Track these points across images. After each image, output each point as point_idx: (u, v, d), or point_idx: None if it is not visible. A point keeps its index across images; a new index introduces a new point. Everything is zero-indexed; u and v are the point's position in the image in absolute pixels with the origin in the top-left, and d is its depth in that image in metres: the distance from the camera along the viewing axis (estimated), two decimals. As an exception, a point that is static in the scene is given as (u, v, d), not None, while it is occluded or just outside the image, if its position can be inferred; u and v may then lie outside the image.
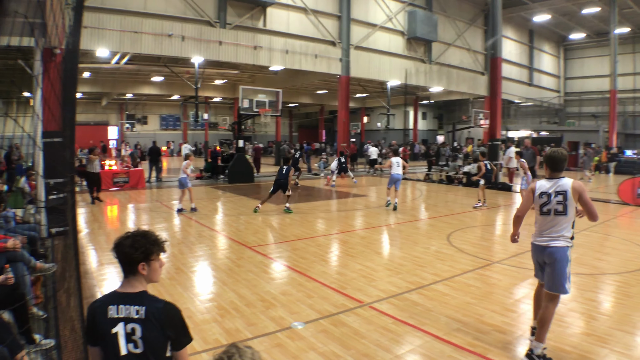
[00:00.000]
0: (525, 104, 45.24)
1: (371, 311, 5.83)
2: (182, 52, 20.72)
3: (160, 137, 47.07)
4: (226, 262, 8.02)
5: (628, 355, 4.73)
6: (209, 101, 47.63)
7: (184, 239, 9.82)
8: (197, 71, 24.12)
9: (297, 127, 64.30)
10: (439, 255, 8.82)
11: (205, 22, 21.31)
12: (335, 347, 4.80)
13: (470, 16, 35.25)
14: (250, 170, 22.73)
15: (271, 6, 23.35)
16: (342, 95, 27.44)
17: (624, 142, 39.41)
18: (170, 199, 15.99)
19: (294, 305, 5.97)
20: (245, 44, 22.48)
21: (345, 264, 8.12)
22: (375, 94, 41.31)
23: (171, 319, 2.37)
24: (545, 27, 42.41)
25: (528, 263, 8.18)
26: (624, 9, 34.25)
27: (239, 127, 22.76)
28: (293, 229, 11.15)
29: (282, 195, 13.60)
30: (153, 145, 22.23)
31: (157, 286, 6.47)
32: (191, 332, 2.45)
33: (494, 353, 4.75)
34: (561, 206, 4.54)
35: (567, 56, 48.90)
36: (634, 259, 8.55)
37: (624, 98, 39.46)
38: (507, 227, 12.59)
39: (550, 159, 4.66)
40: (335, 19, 26.51)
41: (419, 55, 31.34)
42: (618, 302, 6.36)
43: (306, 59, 25.05)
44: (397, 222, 12.44)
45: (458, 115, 47.28)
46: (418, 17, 29.54)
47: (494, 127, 22.53)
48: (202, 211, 13.38)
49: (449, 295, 6.50)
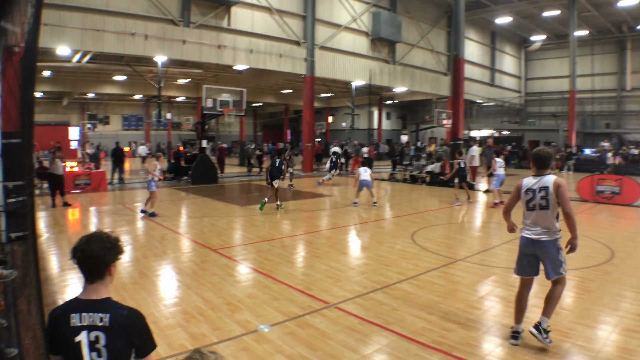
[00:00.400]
0: (487, 104, 46.15)
1: (337, 312, 5.86)
2: (145, 51, 20.43)
3: (123, 138, 46.23)
4: (190, 265, 7.94)
5: (589, 349, 4.90)
6: (172, 101, 47.10)
7: (147, 242, 9.68)
8: (160, 70, 23.81)
9: (262, 127, 64.04)
10: (403, 254, 8.93)
11: (169, 21, 21.06)
12: (302, 349, 4.82)
13: (434, 18, 35.74)
14: (214, 171, 22.52)
15: (235, 5, 23.22)
16: (306, 95, 27.47)
17: (583, 140, 40.60)
18: (133, 201, 15.75)
19: (260, 308, 5.95)
20: (209, 43, 22.29)
21: (310, 265, 8.14)
22: (340, 93, 41.49)
23: (136, 326, 2.34)
24: (507, 29, 43.38)
25: (491, 260, 8.43)
26: (582, 12, 35.27)
27: (202, 127, 22.54)
28: (258, 230, 11.11)
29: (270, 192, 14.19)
30: (116, 146, 21.78)
31: (121, 291, 6.38)
32: (156, 338, 2.43)
33: (459, 350, 4.85)
34: (544, 201, 4.83)
35: (527, 57, 50.10)
36: (593, 255, 8.82)
37: (583, 98, 40.65)
38: (470, 225, 12.84)
39: (536, 157, 4.98)
40: (300, 19, 26.53)
41: (383, 56, 31.61)
42: (579, 297, 6.56)
43: (271, 58, 24.99)
44: (362, 222, 12.53)
45: (421, 115, 47.97)
46: (382, 18, 29.80)
47: (457, 126, 22.90)
48: (166, 213, 13.21)
49: (414, 294, 6.58)
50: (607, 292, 6.74)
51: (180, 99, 46.23)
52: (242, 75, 33.18)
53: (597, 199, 16.50)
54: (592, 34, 41.28)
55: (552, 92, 46.54)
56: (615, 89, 42.92)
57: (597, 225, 12.55)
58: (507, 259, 8.68)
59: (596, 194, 16.59)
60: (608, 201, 16.35)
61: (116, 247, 2.38)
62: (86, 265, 2.35)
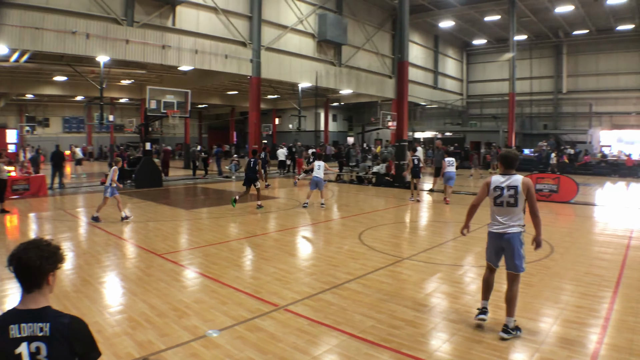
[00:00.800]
0: (431, 106, 47.11)
1: (287, 314, 5.85)
2: (87, 50, 19.74)
3: (64, 141, 44.59)
4: (135, 271, 7.75)
5: (532, 340, 5.10)
6: (115, 102, 45.87)
7: (90, 248, 9.37)
8: (103, 71, 23.14)
9: (207, 129, 63.23)
10: (351, 254, 9.01)
11: (112, 20, 20.45)
12: (252, 352, 4.78)
13: (379, 21, 36.22)
14: (158, 174, 22.06)
15: (181, 4, 22.81)
16: (253, 96, 27.29)
17: (522, 141, 42.09)
18: (74, 207, 15.24)
19: (208, 312, 5.87)
20: (153, 43, 21.82)
21: (259, 267, 8.10)
22: (287, 95, 41.50)
23: (78, 334, 2.26)
24: (450, 33, 44.49)
25: (437, 258, 8.61)
26: (522, 17, 36.55)
27: (146, 130, 22.05)
28: (204, 234, 10.96)
29: (245, 193, 14.81)
30: (56, 150, 20.94)
31: (63, 300, 6.16)
32: (101, 347, 2.35)
33: (408, 347, 4.93)
34: (513, 199, 5.26)
35: (469, 61, 51.51)
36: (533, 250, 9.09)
37: (522, 100, 42.08)
38: (414, 224, 13.07)
39: (504, 157, 5.46)
40: (246, 20, 26.33)
41: (329, 58, 31.78)
42: (521, 291, 6.67)
43: (216, 59, 24.70)
44: (310, 223, 12.56)
45: (367, 117, 48.48)
46: (328, 20, 29.95)
47: (401, 128, 23.24)
48: (109, 219, 12.85)
49: (362, 293, 6.65)
50: (548, 286, 7.01)
51: (123, 100, 45.03)
52: (187, 76, 32.66)
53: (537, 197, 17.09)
54: (531, 38, 42.87)
55: (492, 95, 48.01)
56: (553, 92, 44.66)
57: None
58: (452, 256, 8.90)
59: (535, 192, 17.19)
60: (547, 199, 17.02)
61: (55, 255, 2.29)
62: (23, 274, 2.25)
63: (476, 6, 34.40)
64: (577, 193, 17.00)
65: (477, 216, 6.05)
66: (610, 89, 41.26)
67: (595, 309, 6.05)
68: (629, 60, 40.23)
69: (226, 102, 47.41)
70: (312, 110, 44.05)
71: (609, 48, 41.04)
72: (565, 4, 32.65)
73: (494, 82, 48.12)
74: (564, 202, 16.71)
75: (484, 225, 11.20)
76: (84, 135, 49.66)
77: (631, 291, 6.80)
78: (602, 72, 41.70)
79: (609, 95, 41.34)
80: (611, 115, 41.58)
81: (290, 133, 46.92)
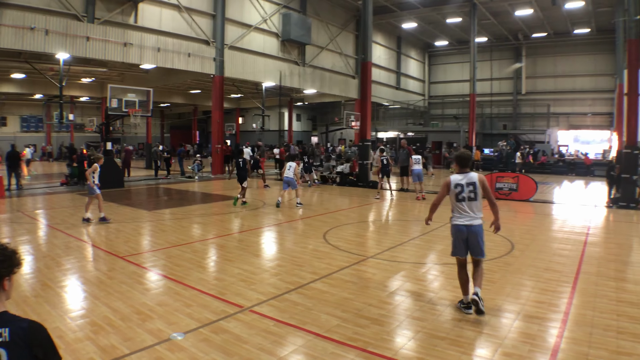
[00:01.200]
0: (393, 106, 47.56)
1: (252, 315, 5.81)
2: (46, 47, 19.25)
3: (22, 140, 43.38)
4: (97, 274, 7.58)
5: (495, 336, 5.21)
6: (75, 101, 44.73)
7: (49, 251, 9.12)
8: (62, 68, 22.55)
9: (170, 128, 62.42)
10: (316, 253, 9.03)
11: (72, 16, 19.99)
12: (217, 355, 4.73)
13: (343, 21, 36.40)
14: (119, 174, 21.64)
15: (143, 2, 22.48)
16: (216, 95, 27.10)
17: (482, 141, 42.90)
18: (33, 208, 14.82)
19: (172, 315, 5.78)
20: (114, 40, 21.43)
21: (223, 269, 8.03)
22: (250, 94, 41.34)
23: (38, 339, 2.20)
24: (412, 35, 45.04)
25: (400, 256, 8.70)
26: (482, 20, 37.27)
27: (107, 129, 21.61)
28: (167, 235, 10.81)
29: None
30: (11, 150, 20.27)
31: (22, 305, 5.99)
32: (62, 353, 2.30)
33: (374, 345, 4.96)
34: (473, 193, 5.89)
35: (431, 62, 52.25)
36: (494, 248, 9.34)
37: (482, 101, 42.89)
38: (378, 223, 13.18)
39: (459, 158, 6.07)
40: (209, 18, 26.12)
41: (293, 58, 31.79)
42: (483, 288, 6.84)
43: (179, 57, 24.44)
44: (274, 224, 12.53)
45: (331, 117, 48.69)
46: (292, 20, 29.96)
47: (365, 128, 23.40)
48: (69, 220, 12.58)
49: (328, 293, 6.67)
50: (509, 282, 7.18)
51: (83, 99, 44.09)
52: (149, 75, 32.20)
53: (497, 195, 17.49)
54: (491, 40, 43.75)
55: (454, 95, 48.84)
56: (512, 93, 45.68)
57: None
58: (416, 254, 9.01)
59: (495, 190, 17.58)
60: (506, 197, 17.39)
61: (11, 259, 2.24)
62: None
63: (438, 8, 34.93)
64: (536, 191, 17.44)
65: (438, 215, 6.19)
66: (567, 90, 42.49)
67: (555, 304, 6.21)
68: (585, 62, 41.49)
69: (189, 101, 46.96)
70: (276, 110, 44.00)
71: (567, 51, 42.24)
72: (524, 7, 33.47)
73: (455, 83, 48.98)
74: (524, 201, 17.12)
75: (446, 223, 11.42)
76: (43, 134, 48.31)
77: (589, 286, 7.01)
78: (560, 74, 42.89)
79: (566, 97, 42.56)
80: (568, 116, 42.80)
81: (254, 132, 46.72)
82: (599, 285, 7.04)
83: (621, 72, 26.76)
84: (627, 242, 10.72)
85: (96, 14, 20.77)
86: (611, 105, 38.47)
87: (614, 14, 31.00)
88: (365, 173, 22.45)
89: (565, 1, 31.12)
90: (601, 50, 40.21)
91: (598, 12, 34.19)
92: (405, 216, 14.27)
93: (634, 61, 17.17)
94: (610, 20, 33.64)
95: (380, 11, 35.33)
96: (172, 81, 33.85)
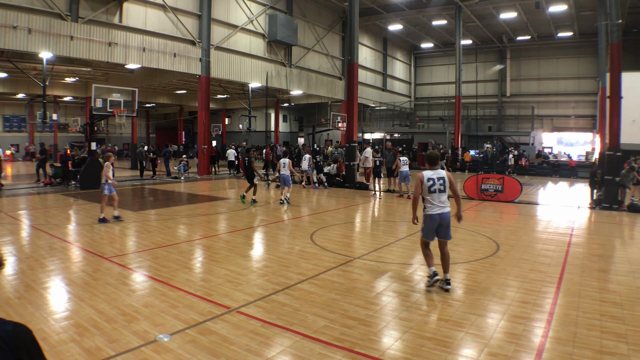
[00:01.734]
0: (380, 107, 47.69)
1: (239, 316, 5.79)
2: (29, 46, 19.02)
3: (4, 140, 42.95)
4: (82, 275, 7.50)
5: (481, 336, 5.25)
6: (59, 101, 44.28)
7: (33, 252, 9.02)
8: (46, 67, 22.33)
9: (155, 129, 62.04)
10: (303, 254, 9.03)
11: (56, 15, 19.78)
12: (204, 356, 4.71)
13: (329, 22, 36.46)
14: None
15: (128, 1, 22.33)
16: (202, 95, 26.99)
17: (468, 142, 43.19)
18: (15, 209, 14.63)
19: (158, 316, 5.74)
20: (99, 39, 21.26)
21: (209, 269, 7.99)
22: (237, 95, 41.19)
23: (23, 342, 2.16)
24: (398, 36, 45.24)
25: (387, 257, 8.74)
26: (468, 22, 37.58)
27: (91, 129, 21.43)
28: (153, 236, 10.74)
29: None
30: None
31: (5, 307, 5.91)
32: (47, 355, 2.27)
33: (361, 346, 4.98)
34: (442, 186, 6.84)
35: (417, 64, 52.54)
36: (480, 249, 9.45)
37: (467, 103, 43.20)
38: (365, 224, 13.20)
39: (429, 157, 7.11)
40: (195, 18, 26.02)
41: (279, 59, 31.77)
42: (469, 288, 6.98)
43: (164, 57, 24.31)
44: (261, 224, 12.50)
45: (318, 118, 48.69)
46: (279, 21, 29.96)
47: (351, 129, 23.43)
48: (52, 221, 12.45)
49: (315, 293, 6.68)
50: (495, 283, 7.23)
51: (67, 98, 43.64)
52: (135, 75, 32.00)
53: (482, 197, 17.63)
54: (476, 43, 44.11)
55: (439, 97, 49.12)
56: (497, 95, 46.08)
57: (483, 220, 13.39)
58: (402, 255, 9.04)
59: (481, 191, 17.70)
60: (492, 198, 17.52)
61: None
62: None
63: (424, 10, 35.14)
64: (520, 193, 17.59)
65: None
66: (551, 92, 42.98)
67: (539, 304, 6.27)
68: (569, 65, 41.99)
69: (175, 101, 46.71)
70: (262, 111, 43.95)
71: (550, 54, 42.74)
72: (509, 10, 33.79)
73: (441, 85, 49.31)
74: (509, 202, 17.25)
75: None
76: (26, 134, 47.71)
77: (573, 286, 7.09)
78: (544, 76, 43.37)
79: (550, 99, 43.04)
80: (552, 118, 43.28)
81: (241, 133, 46.60)
82: (583, 286, 7.13)
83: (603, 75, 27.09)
84: (610, 243, 10.85)
85: (80, 13, 20.58)
86: (594, 107, 38.94)
87: (596, 18, 31.38)
88: (352, 174, 22.48)
89: (548, 5, 31.49)
90: (584, 53, 40.76)
91: (580, 16, 34.63)
92: (391, 217, 14.31)
93: (616, 64, 17.40)
94: (592, 24, 34.10)
95: (366, 13, 35.47)
96: (157, 81, 33.66)
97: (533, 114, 43.32)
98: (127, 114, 21.03)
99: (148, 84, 34.63)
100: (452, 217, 7.01)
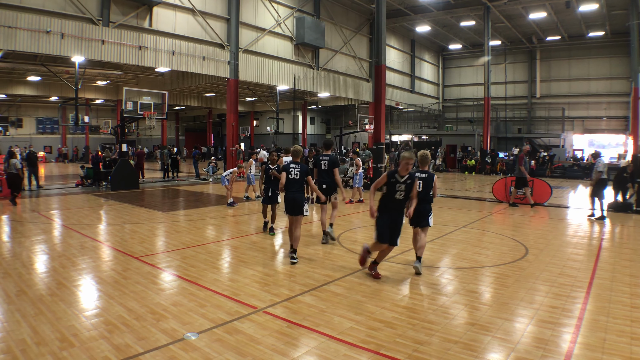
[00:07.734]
0: (407, 109, 47.45)
1: (265, 316, 5.83)
2: (62, 50, 19.47)
3: (37, 142, 43.95)
4: (112, 274, 7.66)
5: (508, 340, 5.18)
6: (91, 103, 45.26)
7: (65, 251, 9.23)
8: (78, 71, 22.86)
9: (184, 131, 62.79)
10: (329, 256, 9.05)
11: (87, 20, 20.21)
12: (230, 355, 4.76)
13: (356, 25, 36.41)
14: (134, 176, 21.82)
15: (157, 5, 22.66)
16: (230, 98, 27.22)
17: (497, 145, 42.61)
18: (48, 209, 14.98)
19: (186, 315, 5.83)
20: (129, 43, 21.63)
21: (237, 270, 8.06)
22: (265, 98, 41.43)
23: None
24: (426, 38, 44.96)
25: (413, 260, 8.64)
26: (496, 23, 37.14)
27: (122, 131, 21.81)
28: (181, 236, 10.88)
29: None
30: (30, 151, 20.68)
31: (38, 303, 6.06)
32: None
33: (387, 348, 4.96)
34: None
35: (445, 65, 52.10)
36: (508, 252, 9.34)
37: (497, 105, 42.64)
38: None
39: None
40: (223, 22, 26.27)
41: (307, 61, 31.85)
42: (497, 292, 6.90)
43: (194, 60, 24.58)
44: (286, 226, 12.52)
45: (345, 120, 48.69)
46: (306, 24, 30.04)
47: (379, 131, 23.39)
48: (84, 221, 12.70)
49: (341, 295, 6.67)
50: (523, 287, 7.13)
51: (99, 101, 44.58)
52: (164, 78, 32.47)
53: (512, 200, 17.38)
54: (505, 44, 43.56)
55: (468, 99, 48.64)
56: (526, 96, 45.44)
57: (512, 224, 13.22)
58: (428, 257, 8.97)
59: (510, 194, 17.48)
60: (521, 201, 17.27)
61: None
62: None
63: (452, 11, 34.86)
64: (550, 195, 17.32)
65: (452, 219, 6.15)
66: (582, 94, 42.16)
67: (568, 309, 6.17)
68: (600, 66, 41.16)
69: (203, 104, 47.22)
70: (290, 113, 44.10)
71: (581, 54, 41.96)
72: (538, 10, 33.29)
73: (470, 87, 48.83)
74: (538, 205, 16.99)
75: (460, 227, 11.39)
76: (59, 136, 48.81)
77: (603, 291, 6.96)
78: (574, 77, 42.59)
79: (581, 100, 42.23)
80: (583, 120, 42.45)
81: (268, 135, 46.86)
82: (613, 291, 6.99)
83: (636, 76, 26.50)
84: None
85: (111, 17, 20.97)
86: (626, 108, 38.08)
87: (628, 17, 30.73)
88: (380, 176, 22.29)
89: (579, 4, 30.94)
90: (616, 53, 39.89)
91: (612, 15, 33.93)
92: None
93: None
94: (624, 23, 33.36)
95: (394, 14, 35.34)
96: (186, 84, 34.07)
97: (563, 116, 42.60)
98: (157, 117, 21.36)
99: (177, 86, 35.08)
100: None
